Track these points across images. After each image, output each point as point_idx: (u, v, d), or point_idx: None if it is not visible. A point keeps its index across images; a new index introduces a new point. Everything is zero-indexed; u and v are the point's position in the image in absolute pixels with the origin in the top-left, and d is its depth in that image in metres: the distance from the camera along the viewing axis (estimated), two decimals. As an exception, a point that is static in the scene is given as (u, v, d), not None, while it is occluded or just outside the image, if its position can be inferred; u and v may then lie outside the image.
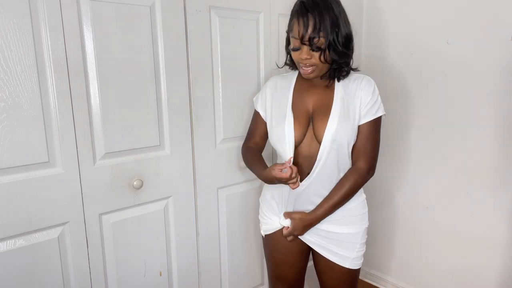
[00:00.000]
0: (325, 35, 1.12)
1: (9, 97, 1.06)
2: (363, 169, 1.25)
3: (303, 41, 1.13)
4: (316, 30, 1.11)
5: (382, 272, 2.15)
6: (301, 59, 1.17)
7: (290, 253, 1.38)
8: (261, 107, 1.37)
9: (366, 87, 1.23)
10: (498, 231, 1.66)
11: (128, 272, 1.39)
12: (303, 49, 1.15)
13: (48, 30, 1.10)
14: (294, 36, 1.16)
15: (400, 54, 1.87)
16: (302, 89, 1.30)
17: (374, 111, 1.22)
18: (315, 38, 1.11)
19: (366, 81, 1.24)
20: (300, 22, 1.13)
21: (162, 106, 1.37)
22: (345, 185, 1.24)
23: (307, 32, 1.11)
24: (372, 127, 1.23)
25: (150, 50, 1.31)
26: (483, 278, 1.74)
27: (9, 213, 1.11)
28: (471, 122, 1.67)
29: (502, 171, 1.61)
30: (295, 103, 1.28)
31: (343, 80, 1.26)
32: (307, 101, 1.27)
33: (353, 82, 1.25)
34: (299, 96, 1.29)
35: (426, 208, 1.88)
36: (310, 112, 1.26)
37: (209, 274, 1.63)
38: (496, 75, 1.57)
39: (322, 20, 1.11)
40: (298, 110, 1.27)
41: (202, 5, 1.42)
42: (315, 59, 1.16)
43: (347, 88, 1.24)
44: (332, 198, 1.25)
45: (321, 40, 1.12)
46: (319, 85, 1.28)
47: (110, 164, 1.28)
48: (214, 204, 1.59)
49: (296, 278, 1.43)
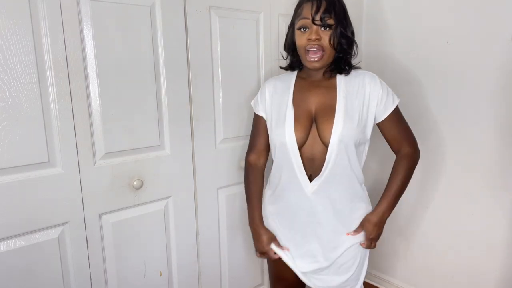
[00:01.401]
0: (335, 17, 1.15)
1: (9, 97, 1.06)
2: (410, 152, 1.28)
3: (315, 20, 1.15)
4: (328, 11, 1.14)
5: (382, 272, 2.15)
6: (310, 40, 1.16)
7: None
8: (262, 110, 1.33)
9: (371, 82, 1.22)
10: (498, 231, 1.66)
11: (128, 272, 1.39)
12: (313, 29, 1.16)
13: (48, 30, 1.10)
14: (305, 17, 1.17)
15: (400, 54, 1.87)
16: (303, 89, 1.26)
17: (391, 101, 1.24)
18: (327, 17, 1.14)
19: (369, 77, 1.24)
20: (313, 4, 1.15)
21: (162, 106, 1.37)
22: (400, 172, 1.26)
23: (319, 11, 1.14)
24: (396, 116, 1.25)
25: (150, 50, 1.31)
26: (483, 278, 1.74)
27: (9, 213, 1.11)
28: (471, 122, 1.67)
29: (502, 171, 1.61)
30: (296, 104, 1.25)
31: (344, 78, 1.24)
32: (309, 101, 1.24)
33: (355, 79, 1.24)
34: (300, 96, 1.26)
35: (426, 208, 1.88)
36: (312, 112, 1.23)
37: (209, 274, 1.63)
38: (496, 75, 1.57)
39: (334, 5, 1.16)
40: (299, 111, 1.23)
41: (202, 5, 1.42)
42: (324, 41, 1.16)
43: (349, 86, 1.23)
44: (391, 188, 1.27)
45: (331, 20, 1.15)
46: (320, 85, 1.25)
47: (110, 164, 1.28)
48: (214, 204, 1.59)
49: (297, 279, 1.41)
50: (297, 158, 1.21)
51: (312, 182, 1.22)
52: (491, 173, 1.65)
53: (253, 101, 1.39)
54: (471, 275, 1.78)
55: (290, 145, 1.21)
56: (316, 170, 1.22)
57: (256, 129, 1.36)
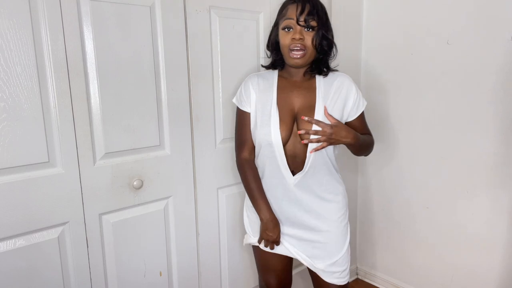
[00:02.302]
0: (318, 20, 1.23)
1: (9, 97, 1.06)
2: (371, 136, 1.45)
3: (299, 21, 1.21)
4: (312, 13, 1.22)
5: (382, 272, 2.15)
6: (294, 40, 1.22)
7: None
8: (248, 106, 1.34)
9: (348, 85, 1.33)
10: (498, 231, 1.66)
11: (128, 272, 1.39)
12: (297, 29, 1.23)
13: (48, 30, 1.10)
14: (290, 17, 1.23)
15: (400, 54, 1.87)
16: (286, 89, 1.32)
17: (361, 104, 1.36)
18: (310, 19, 1.22)
19: (347, 79, 1.34)
20: (298, 6, 1.22)
21: (162, 106, 1.37)
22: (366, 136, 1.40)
23: (303, 13, 1.21)
24: (363, 116, 1.39)
25: (150, 50, 1.31)
26: (483, 278, 1.74)
27: (9, 213, 1.11)
28: (471, 122, 1.67)
29: (502, 170, 1.61)
30: (280, 103, 1.30)
31: (323, 79, 1.33)
32: (291, 101, 1.31)
33: (333, 81, 1.33)
34: (283, 96, 1.31)
35: (426, 208, 1.88)
36: (294, 112, 1.30)
37: (209, 274, 1.63)
38: (496, 75, 1.57)
39: (317, 9, 1.23)
40: (283, 110, 1.30)
41: (202, 5, 1.42)
42: (307, 41, 1.23)
43: (328, 87, 1.32)
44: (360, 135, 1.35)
45: (314, 22, 1.23)
46: (301, 86, 1.33)
47: (110, 164, 1.28)
48: (214, 204, 1.59)
49: (285, 267, 1.49)
50: (281, 156, 1.29)
51: (295, 176, 1.31)
52: (491, 172, 1.65)
53: (236, 97, 1.40)
54: (471, 275, 1.78)
55: (276, 144, 1.28)
56: (298, 166, 1.31)
57: (243, 125, 1.37)
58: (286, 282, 1.53)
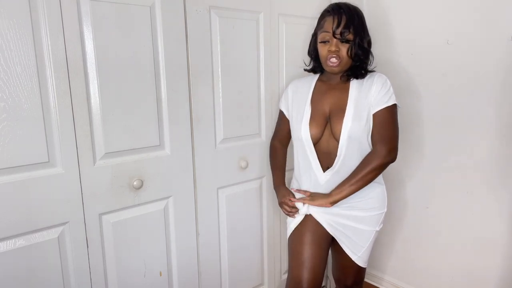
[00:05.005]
0: (354, 32, 1.30)
1: (9, 97, 1.06)
2: (381, 151, 1.31)
3: (335, 34, 1.30)
4: (347, 26, 1.29)
5: (383, 272, 2.15)
6: (331, 51, 1.31)
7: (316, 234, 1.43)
8: (284, 107, 1.54)
9: (377, 80, 1.35)
10: (498, 231, 1.66)
11: (128, 272, 1.39)
12: (333, 41, 1.31)
13: (48, 30, 1.10)
14: (326, 30, 1.32)
15: (400, 54, 1.87)
16: (321, 92, 1.43)
17: (386, 99, 1.32)
18: (346, 32, 1.29)
19: (378, 76, 1.37)
20: (334, 19, 1.30)
21: (162, 106, 1.37)
22: (364, 166, 1.32)
23: (339, 27, 1.29)
24: (386, 115, 1.32)
25: (150, 50, 1.31)
26: (483, 278, 1.74)
27: (9, 213, 1.11)
28: (471, 122, 1.67)
29: (502, 171, 1.61)
30: (313, 104, 1.42)
31: (357, 82, 1.38)
32: (324, 102, 1.40)
33: (367, 81, 1.37)
34: (317, 97, 1.43)
35: (426, 208, 1.88)
36: (327, 112, 1.39)
37: (209, 274, 1.63)
38: (496, 75, 1.57)
39: (353, 21, 1.30)
40: (316, 110, 1.40)
41: (202, 5, 1.42)
42: (343, 53, 1.31)
43: (360, 88, 1.36)
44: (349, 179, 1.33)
45: (350, 35, 1.30)
46: (336, 88, 1.40)
47: (110, 164, 1.28)
48: (214, 204, 1.59)
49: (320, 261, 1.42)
50: (312, 151, 1.39)
51: (326, 172, 1.39)
52: (491, 173, 1.65)
53: (280, 99, 1.60)
54: (471, 275, 1.78)
55: (305, 140, 1.39)
56: (331, 163, 1.38)
57: (279, 119, 1.60)
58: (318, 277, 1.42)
